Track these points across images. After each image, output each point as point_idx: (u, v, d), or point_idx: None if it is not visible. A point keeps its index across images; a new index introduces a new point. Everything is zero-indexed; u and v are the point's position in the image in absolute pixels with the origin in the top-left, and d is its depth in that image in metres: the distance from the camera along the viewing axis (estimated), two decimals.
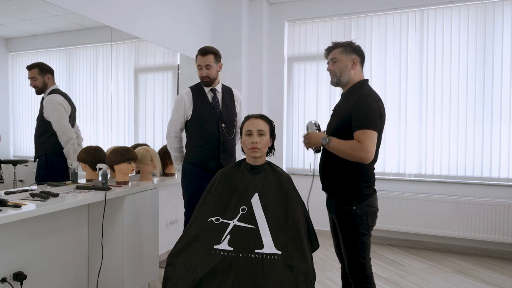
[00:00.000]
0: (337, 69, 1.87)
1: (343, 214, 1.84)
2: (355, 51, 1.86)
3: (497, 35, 3.62)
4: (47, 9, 2.42)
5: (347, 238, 1.84)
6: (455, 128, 3.77)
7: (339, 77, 1.88)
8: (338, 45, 1.89)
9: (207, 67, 2.45)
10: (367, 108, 1.73)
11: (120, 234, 2.37)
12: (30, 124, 2.43)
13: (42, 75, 2.39)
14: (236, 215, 1.82)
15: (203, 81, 2.49)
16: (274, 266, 1.65)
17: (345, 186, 1.83)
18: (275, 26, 4.51)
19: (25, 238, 2.05)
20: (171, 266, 1.71)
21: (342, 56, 1.86)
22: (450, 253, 3.68)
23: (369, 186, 1.84)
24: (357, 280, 1.84)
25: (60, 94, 2.48)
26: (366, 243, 1.82)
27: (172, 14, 3.58)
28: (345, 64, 1.85)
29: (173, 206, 3.25)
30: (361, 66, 1.91)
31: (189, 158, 2.53)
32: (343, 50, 1.86)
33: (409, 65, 3.94)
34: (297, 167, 4.47)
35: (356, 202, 1.80)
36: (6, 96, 2.39)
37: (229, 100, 2.59)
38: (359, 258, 1.82)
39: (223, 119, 2.49)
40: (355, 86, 1.86)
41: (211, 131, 2.46)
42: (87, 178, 2.59)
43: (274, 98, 4.52)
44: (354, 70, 1.87)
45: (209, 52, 2.46)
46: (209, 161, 2.46)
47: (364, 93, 1.79)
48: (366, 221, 1.81)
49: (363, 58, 1.90)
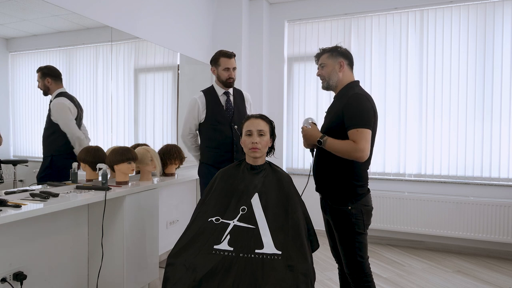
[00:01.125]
0: (325, 73, 1.93)
1: (338, 214, 1.85)
2: (341, 55, 1.90)
3: (497, 35, 3.62)
4: (47, 9, 2.42)
5: (343, 238, 1.85)
6: (455, 128, 3.77)
7: (328, 81, 1.93)
8: (325, 50, 1.94)
9: (235, 69, 2.61)
10: (360, 106, 1.75)
11: (120, 234, 2.37)
12: (30, 124, 2.44)
13: (42, 79, 2.43)
14: (236, 215, 1.82)
15: (229, 82, 2.60)
16: (274, 266, 1.65)
17: (340, 187, 1.84)
18: (275, 26, 4.51)
19: (25, 238, 2.05)
20: (171, 266, 1.71)
21: (328, 60, 1.91)
22: (450, 253, 3.68)
23: (363, 185, 1.85)
24: (357, 280, 1.84)
25: (66, 97, 2.52)
26: (363, 242, 1.83)
27: (172, 14, 3.58)
28: (332, 67, 1.90)
29: (173, 206, 3.25)
30: (350, 69, 1.93)
31: (203, 159, 2.66)
32: (329, 55, 1.91)
33: (409, 65, 3.94)
34: (297, 167, 4.47)
35: (351, 202, 1.81)
36: (6, 96, 2.39)
37: (240, 102, 2.70)
38: (357, 258, 1.82)
39: (235, 121, 2.58)
40: (346, 88, 1.89)
41: (225, 133, 2.56)
42: (87, 178, 2.58)
43: (274, 98, 4.52)
44: (343, 73, 1.90)
45: (234, 55, 2.61)
46: (223, 162, 2.50)
47: (356, 92, 1.81)
48: (362, 220, 1.82)
49: (351, 61, 1.93)
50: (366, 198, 1.86)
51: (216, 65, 2.61)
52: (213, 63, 2.64)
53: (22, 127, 2.45)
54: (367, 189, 1.88)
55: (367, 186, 1.88)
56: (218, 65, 2.60)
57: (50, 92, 2.47)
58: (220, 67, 2.59)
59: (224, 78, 2.59)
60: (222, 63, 2.58)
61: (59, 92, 2.50)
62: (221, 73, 2.59)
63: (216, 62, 2.61)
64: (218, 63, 2.60)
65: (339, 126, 1.80)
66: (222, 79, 2.60)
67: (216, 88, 2.65)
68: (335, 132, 1.81)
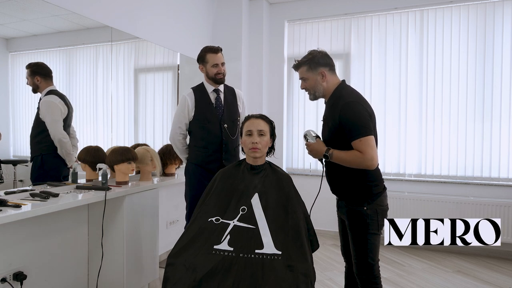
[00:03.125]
0: (309, 86, 1.90)
1: (354, 215, 1.84)
2: (319, 64, 1.85)
3: (497, 35, 3.62)
4: (47, 9, 2.42)
5: (357, 238, 1.84)
6: (455, 128, 3.77)
7: (314, 93, 1.90)
8: (300, 63, 1.89)
9: (223, 64, 2.50)
10: (355, 115, 1.74)
11: (120, 234, 2.37)
12: (30, 124, 2.43)
13: (31, 77, 2.38)
14: (236, 215, 1.82)
15: (218, 78, 2.49)
16: (274, 266, 1.65)
17: (355, 189, 1.83)
18: (275, 26, 4.51)
19: (25, 238, 2.05)
20: (171, 266, 1.71)
21: (309, 74, 1.87)
22: (450, 253, 3.68)
23: (377, 184, 1.83)
24: (365, 281, 1.83)
25: (56, 95, 2.46)
26: (375, 244, 1.82)
27: (172, 14, 3.57)
28: (315, 80, 1.86)
29: (173, 206, 3.25)
30: (332, 73, 1.88)
31: (192, 159, 2.53)
32: (308, 67, 1.86)
33: (409, 65, 3.94)
34: (297, 167, 4.47)
35: (367, 202, 1.81)
36: (6, 96, 2.39)
37: (231, 100, 2.59)
38: (368, 259, 1.82)
39: (225, 119, 2.49)
40: (335, 93, 1.86)
41: (214, 132, 2.46)
42: (87, 178, 2.59)
43: (274, 98, 4.52)
44: (326, 81, 1.86)
45: (220, 49, 2.50)
46: (211, 162, 2.45)
47: (346, 101, 1.78)
48: (376, 220, 1.81)
49: (331, 65, 1.87)
50: (382, 197, 1.84)
51: (204, 63, 2.50)
52: (200, 61, 2.52)
53: (22, 127, 2.45)
54: (383, 187, 1.86)
55: (382, 184, 1.86)
56: (205, 62, 2.49)
57: (40, 90, 2.41)
58: (208, 64, 2.48)
59: (213, 74, 2.47)
60: (210, 60, 2.47)
61: (49, 90, 2.43)
62: (210, 70, 2.48)
63: (203, 59, 2.50)
64: (206, 60, 2.48)
65: (339, 136, 1.79)
66: (212, 76, 2.48)
67: (206, 85, 2.53)
68: (337, 141, 1.80)
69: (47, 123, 2.38)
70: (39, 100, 2.42)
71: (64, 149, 2.44)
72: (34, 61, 2.43)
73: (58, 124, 2.42)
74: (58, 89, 2.51)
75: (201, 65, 2.52)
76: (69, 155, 2.48)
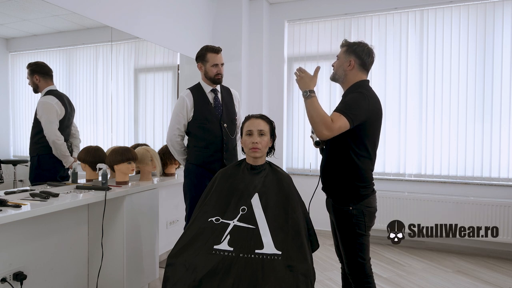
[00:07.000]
0: (336, 65, 1.94)
1: (340, 214, 1.85)
2: (354, 54, 1.87)
3: (497, 35, 3.62)
4: (47, 9, 2.42)
5: (345, 238, 1.85)
6: (455, 128, 3.77)
7: (335, 73, 1.94)
8: (344, 44, 1.94)
9: (223, 65, 2.50)
10: (355, 101, 1.77)
11: (120, 234, 2.37)
12: (30, 124, 2.43)
13: (31, 76, 2.37)
14: (236, 215, 1.82)
15: (217, 79, 2.48)
16: (274, 266, 1.65)
17: (342, 187, 1.84)
18: (275, 26, 4.51)
19: (25, 238, 2.05)
20: (171, 266, 1.71)
21: (342, 55, 1.92)
22: (450, 253, 3.68)
23: (366, 186, 1.84)
24: (357, 280, 1.84)
25: (54, 96, 2.44)
26: (364, 243, 1.82)
27: (172, 14, 3.57)
28: (342, 63, 1.90)
29: (173, 206, 3.25)
30: (361, 69, 1.88)
31: (191, 159, 2.50)
32: (345, 49, 1.91)
33: (409, 65, 3.94)
34: (297, 167, 4.47)
35: (352, 202, 1.81)
36: (6, 96, 2.39)
37: (228, 100, 2.59)
38: (357, 259, 1.82)
39: (224, 119, 2.49)
40: (353, 86, 1.88)
41: (214, 131, 2.45)
42: (87, 178, 2.59)
43: (274, 98, 4.52)
44: (352, 71, 1.87)
45: (221, 49, 2.50)
46: (213, 162, 2.44)
47: (359, 90, 1.82)
48: (363, 221, 1.81)
49: (364, 62, 1.87)
50: (370, 199, 1.84)
51: (203, 62, 2.48)
52: (199, 60, 2.50)
53: (22, 127, 2.45)
54: (371, 190, 1.86)
55: (371, 187, 1.87)
56: (205, 61, 2.47)
57: (39, 89, 2.40)
58: (208, 63, 2.46)
59: (212, 74, 2.46)
60: (210, 59, 2.45)
61: (48, 90, 2.42)
62: (209, 70, 2.46)
63: (203, 58, 2.48)
64: (206, 59, 2.47)
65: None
66: (210, 76, 2.47)
67: (203, 85, 2.51)
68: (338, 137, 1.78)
69: (42, 123, 2.37)
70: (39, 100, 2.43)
71: (58, 150, 2.41)
72: (34, 61, 2.42)
73: (52, 125, 2.40)
74: (58, 89, 2.50)
75: (200, 63, 2.50)
76: (65, 157, 2.46)
